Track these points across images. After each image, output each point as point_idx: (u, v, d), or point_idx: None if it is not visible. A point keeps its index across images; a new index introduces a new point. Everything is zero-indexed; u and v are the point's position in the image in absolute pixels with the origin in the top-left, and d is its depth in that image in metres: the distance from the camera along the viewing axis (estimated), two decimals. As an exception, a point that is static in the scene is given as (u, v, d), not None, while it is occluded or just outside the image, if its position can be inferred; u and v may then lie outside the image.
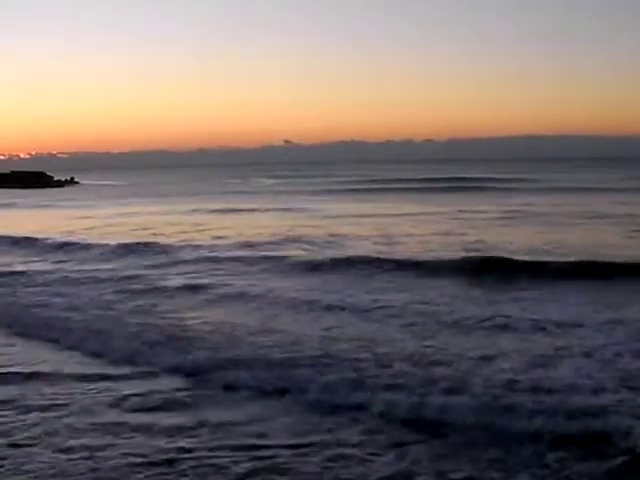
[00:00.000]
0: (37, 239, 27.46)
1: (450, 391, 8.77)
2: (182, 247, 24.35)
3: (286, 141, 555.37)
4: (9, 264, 21.94)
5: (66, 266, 21.38)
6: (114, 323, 13.38)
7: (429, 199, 47.33)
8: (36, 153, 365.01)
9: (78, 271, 20.19)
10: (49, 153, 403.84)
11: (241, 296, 15.73)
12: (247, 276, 18.54)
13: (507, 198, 45.85)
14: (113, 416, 8.64)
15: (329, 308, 14.18)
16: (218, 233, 28.68)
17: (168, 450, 7.60)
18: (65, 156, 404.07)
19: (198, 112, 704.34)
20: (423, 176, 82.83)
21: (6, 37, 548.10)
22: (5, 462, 7.37)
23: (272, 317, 13.61)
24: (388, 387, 9.03)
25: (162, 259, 22.01)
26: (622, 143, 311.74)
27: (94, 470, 7.19)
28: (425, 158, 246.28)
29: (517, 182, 66.82)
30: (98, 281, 18.26)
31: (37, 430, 8.23)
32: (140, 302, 15.41)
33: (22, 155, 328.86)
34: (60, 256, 23.63)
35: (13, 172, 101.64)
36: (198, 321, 13.45)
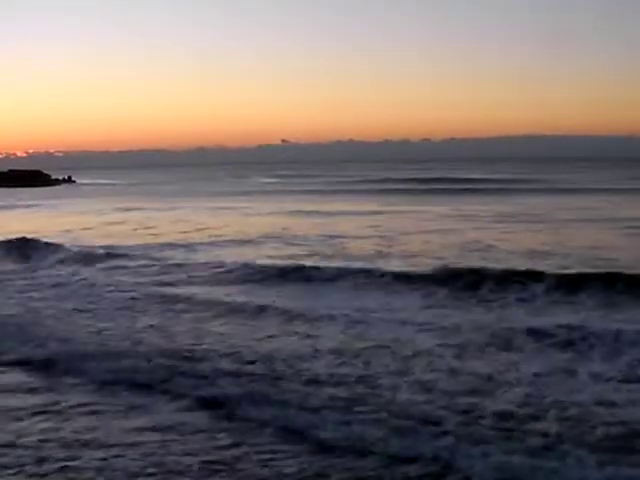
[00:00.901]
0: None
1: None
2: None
3: (284, 140, 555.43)
4: None
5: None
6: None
7: (427, 199, 47.07)
8: (33, 151, 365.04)
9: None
10: (46, 152, 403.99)
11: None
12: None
13: (505, 198, 45.66)
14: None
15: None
16: (216, 232, 28.49)
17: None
18: (62, 155, 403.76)
19: (197, 111, 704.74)
20: (421, 176, 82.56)
21: (4, 36, 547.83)
22: None
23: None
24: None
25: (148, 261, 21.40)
26: (622, 143, 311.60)
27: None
28: (422, 158, 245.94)
29: (515, 183, 66.49)
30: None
31: None
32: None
33: (19, 153, 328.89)
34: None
35: (11, 171, 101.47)
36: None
